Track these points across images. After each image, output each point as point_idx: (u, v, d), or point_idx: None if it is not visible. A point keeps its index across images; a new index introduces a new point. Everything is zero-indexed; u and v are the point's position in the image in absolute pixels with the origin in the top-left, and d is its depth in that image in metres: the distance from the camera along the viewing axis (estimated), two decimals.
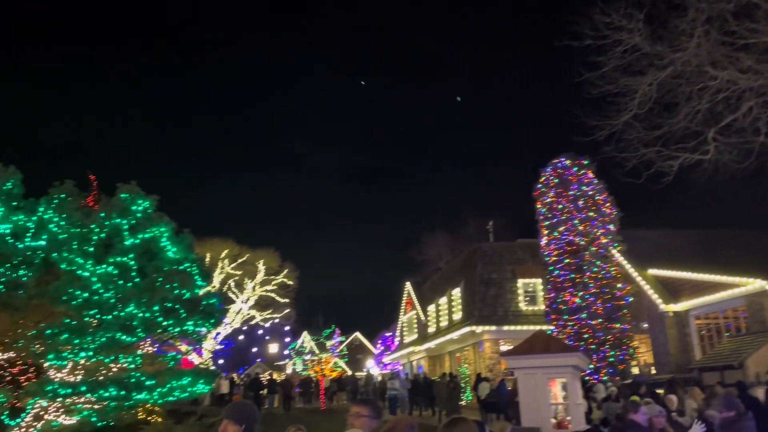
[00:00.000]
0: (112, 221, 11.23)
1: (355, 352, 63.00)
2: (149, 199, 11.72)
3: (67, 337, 10.07)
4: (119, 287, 10.87)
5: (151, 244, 11.66)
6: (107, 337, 10.28)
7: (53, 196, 11.46)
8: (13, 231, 11.05)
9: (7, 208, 11.15)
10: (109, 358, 10.84)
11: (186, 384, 11.33)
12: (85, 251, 10.90)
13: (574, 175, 21.78)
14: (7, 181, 11.22)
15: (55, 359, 10.53)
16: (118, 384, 10.26)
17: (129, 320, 10.51)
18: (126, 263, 11.16)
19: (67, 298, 10.32)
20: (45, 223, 11.27)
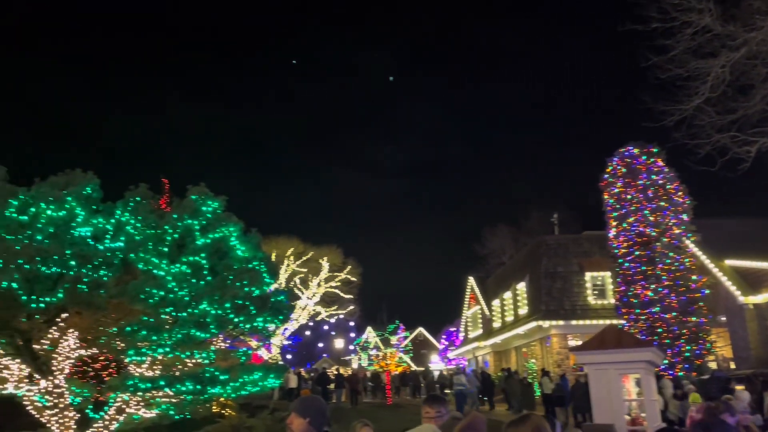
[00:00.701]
0: (184, 222, 11.66)
1: (420, 347, 63.05)
2: (218, 200, 12.10)
3: (145, 333, 10.54)
4: (192, 285, 11.29)
5: (221, 243, 12.04)
6: (183, 333, 10.70)
7: (129, 200, 11.99)
8: (94, 234, 11.63)
9: (87, 212, 11.73)
10: (185, 353, 11.30)
11: (257, 378, 11.66)
12: (160, 251, 11.37)
13: (643, 164, 21.04)
14: (86, 186, 11.80)
15: (134, 355, 11.06)
16: (194, 378, 10.67)
17: (202, 317, 10.90)
18: (198, 262, 11.57)
19: (145, 296, 10.79)
20: (122, 225, 11.80)
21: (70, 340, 11.49)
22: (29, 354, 10.93)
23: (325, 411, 3.48)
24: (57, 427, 10.94)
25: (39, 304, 10.08)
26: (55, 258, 10.25)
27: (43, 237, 10.86)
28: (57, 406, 10.98)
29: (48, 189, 11.37)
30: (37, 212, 11.10)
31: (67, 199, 11.35)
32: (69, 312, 10.90)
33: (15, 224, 11.03)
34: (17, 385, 11.02)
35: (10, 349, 10.82)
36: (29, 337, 10.82)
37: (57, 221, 11.22)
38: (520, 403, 21.41)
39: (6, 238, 10.67)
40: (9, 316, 10.07)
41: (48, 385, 11.00)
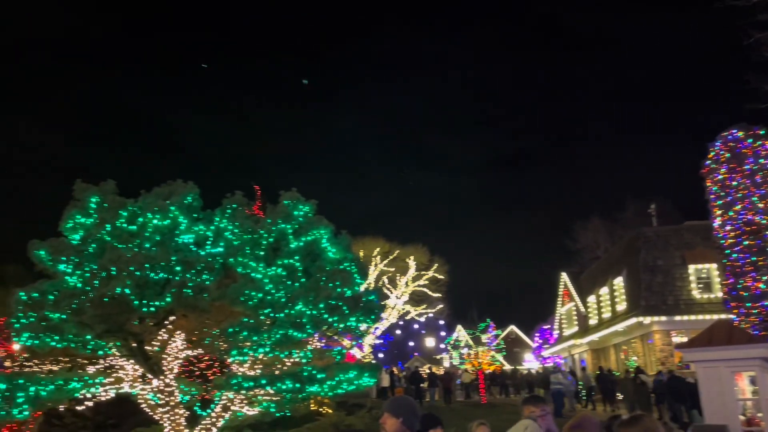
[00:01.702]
0: (278, 226, 12.06)
1: (512, 345, 61.90)
2: (309, 204, 12.42)
3: (246, 334, 10.99)
4: (288, 287, 11.65)
5: (314, 246, 12.35)
6: (281, 333, 11.06)
7: (226, 207, 12.52)
8: (196, 240, 12.27)
9: (189, 220, 12.38)
10: (284, 353, 11.68)
11: (352, 377, 11.86)
12: (256, 255, 11.83)
13: (749, 148, 19.61)
14: (187, 195, 12.45)
15: (237, 355, 11.56)
16: (293, 377, 11.01)
17: (299, 317, 11.22)
18: (292, 265, 11.93)
19: (244, 299, 11.25)
20: (221, 231, 12.36)
21: (177, 342, 12.19)
22: (142, 355, 11.68)
23: (416, 410, 3.49)
24: (169, 423, 11.63)
25: (149, 308, 10.76)
26: (162, 264, 10.90)
27: (151, 245, 11.57)
28: (168, 404, 11.67)
29: (153, 200, 12.09)
30: (144, 222, 11.85)
31: (171, 208, 12.02)
32: (176, 315, 11.56)
33: (125, 234, 11.83)
34: (132, 384, 11.80)
35: (124, 351, 11.60)
36: (141, 339, 11.55)
37: (162, 230, 11.92)
38: (632, 403, 20.66)
39: (118, 248, 11.45)
40: (123, 320, 10.80)
41: (159, 384, 11.71)
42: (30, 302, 10.91)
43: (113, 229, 11.82)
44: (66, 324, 10.51)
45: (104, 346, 11.32)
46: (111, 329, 10.69)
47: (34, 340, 10.75)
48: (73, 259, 11.53)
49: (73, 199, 12.01)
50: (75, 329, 10.55)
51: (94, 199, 11.91)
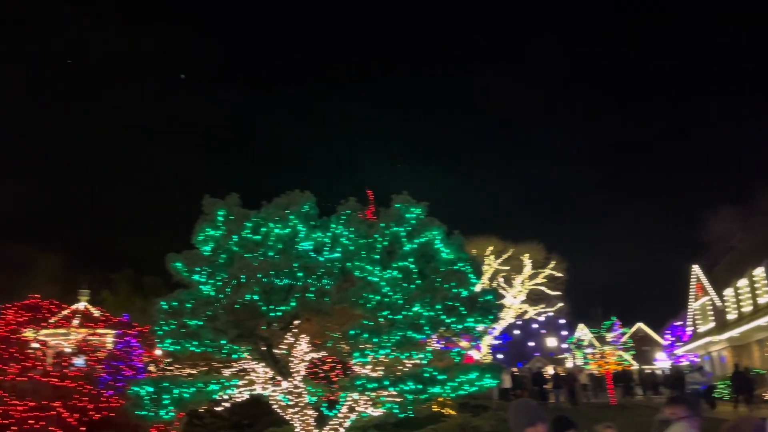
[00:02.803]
0: (392, 230, 12.21)
1: (640, 343, 58.58)
2: (420, 206, 12.48)
3: (366, 336, 11.22)
4: (404, 289, 11.76)
5: (427, 247, 12.38)
6: (400, 335, 11.19)
7: (341, 213, 12.87)
8: (314, 247, 12.72)
9: (307, 228, 12.86)
10: (404, 354, 11.80)
11: (474, 378, 11.74)
12: (372, 259, 12.05)
13: None
14: (304, 204, 12.93)
15: (359, 357, 11.84)
16: (415, 378, 11.10)
17: (416, 319, 11.30)
18: (407, 267, 12.03)
19: (363, 301, 11.51)
20: (337, 237, 12.73)
21: (302, 345, 12.69)
22: (271, 358, 12.26)
23: (540, 412, 3.43)
24: (299, 424, 12.12)
25: (276, 312, 11.27)
26: (286, 271, 11.39)
27: (274, 253, 12.14)
28: (297, 405, 12.17)
29: (274, 210, 12.69)
30: (267, 231, 12.45)
31: (290, 217, 12.56)
32: (300, 319, 12.04)
33: (251, 243, 12.49)
34: (264, 386, 12.42)
35: (255, 354, 12.24)
36: (270, 343, 12.13)
37: (284, 238, 12.48)
38: None
39: (245, 257, 12.12)
40: (253, 324, 11.40)
41: (288, 385, 12.23)
42: (170, 310, 11.80)
43: (240, 239, 12.53)
44: (203, 330, 11.26)
45: (237, 350, 12.01)
46: (243, 334, 11.32)
47: (175, 346, 11.62)
48: (206, 269, 12.35)
49: (202, 214, 12.86)
50: (211, 335, 11.28)
51: (221, 213, 12.69)
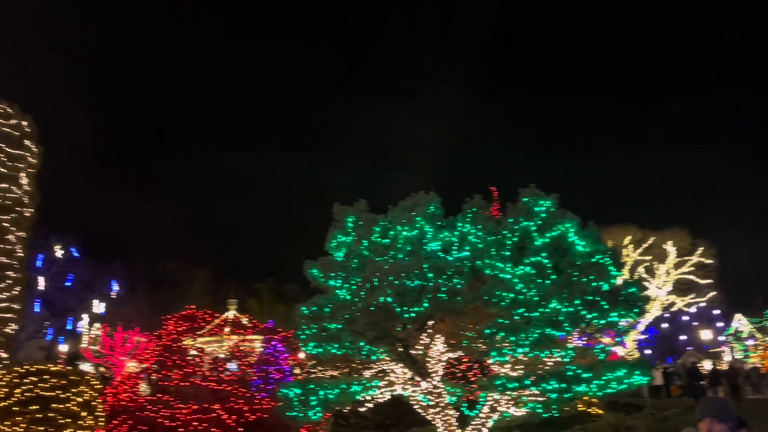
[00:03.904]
0: (521, 225, 11.91)
1: None
2: (550, 199, 12.06)
3: (503, 335, 11.03)
4: (539, 285, 11.42)
5: (560, 240, 11.93)
6: (538, 332, 10.88)
7: (467, 212, 12.77)
8: (443, 247, 12.73)
9: (434, 228, 12.91)
10: (544, 352, 11.45)
11: (622, 375, 11.13)
12: (502, 256, 11.83)
13: None
14: (430, 205, 12.99)
15: (497, 356, 11.66)
16: (558, 377, 10.73)
17: (554, 315, 10.93)
18: (540, 262, 11.66)
19: (496, 299, 11.33)
20: (465, 236, 12.64)
21: (438, 345, 12.73)
22: (408, 359, 12.42)
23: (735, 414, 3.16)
24: (441, 424, 12.17)
25: (410, 314, 11.41)
26: (416, 272, 11.50)
27: (404, 255, 12.31)
28: (438, 405, 12.22)
29: (400, 213, 12.87)
30: (395, 234, 12.67)
31: (416, 219, 12.67)
32: (434, 319, 12.09)
33: (380, 247, 12.77)
34: (403, 386, 12.61)
35: (393, 356, 12.46)
36: (406, 343, 12.30)
37: (412, 240, 12.61)
38: None
39: (376, 260, 12.41)
40: (389, 326, 11.63)
41: (428, 386, 12.32)
42: (310, 315, 12.35)
43: (370, 243, 12.85)
44: (342, 333, 11.67)
45: (376, 352, 12.30)
46: (380, 335, 11.58)
47: (318, 349, 12.14)
48: (341, 275, 12.80)
49: (333, 221, 13.33)
50: (350, 337, 11.66)
51: (351, 219, 13.08)
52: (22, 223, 21.96)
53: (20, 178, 22.04)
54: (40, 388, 15.07)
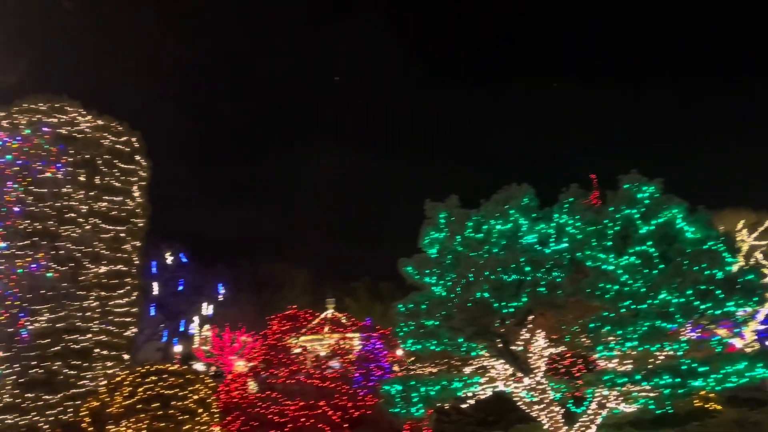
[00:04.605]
0: (623, 213, 11.40)
1: None
2: (653, 184, 11.46)
3: (609, 328, 10.61)
4: (646, 276, 10.90)
5: (667, 228, 11.31)
6: (647, 325, 10.37)
7: (563, 202, 12.37)
8: (539, 239, 12.40)
9: (529, 221, 12.61)
10: (654, 346, 10.89)
11: (742, 369, 10.39)
12: (604, 246, 11.37)
13: None
14: (523, 197, 12.69)
15: (603, 351, 11.22)
16: (670, 371, 10.19)
17: (664, 307, 10.38)
18: (646, 251, 11.12)
19: (600, 292, 10.91)
20: (562, 227, 12.26)
21: (539, 340, 12.42)
22: (509, 354, 12.20)
23: None
24: (547, 421, 11.87)
25: (508, 309, 11.22)
26: (513, 266, 11.28)
27: (499, 249, 12.11)
28: (542, 402, 11.93)
29: (493, 206, 12.66)
30: (489, 229, 12.48)
31: (510, 212, 12.42)
32: (534, 314, 11.81)
33: (474, 242, 12.63)
34: (505, 383, 12.41)
35: (492, 351, 12.30)
36: (506, 339, 12.09)
37: (506, 233, 12.38)
38: None
39: (470, 256, 12.28)
40: (487, 322, 11.48)
41: (530, 382, 12.06)
42: (407, 312, 12.43)
43: (463, 239, 12.74)
44: (440, 329, 11.65)
45: (475, 348, 12.19)
46: (478, 331, 11.46)
47: (416, 346, 12.20)
48: (435, 271, 12.79)
49: (425, 218, 13.33)
50: (448, 333, 11.62)
51: (443, 215, 13.03)
52: (136, 233, 23.61)
53: (133, 191, 23.72)
54: (160, 387, 16.16)
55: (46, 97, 22.30)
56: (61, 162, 21.56)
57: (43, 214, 20.84)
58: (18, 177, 20.93)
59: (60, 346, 20.10)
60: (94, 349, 20.92)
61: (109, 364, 21.19)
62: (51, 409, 19.47)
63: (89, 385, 20.19)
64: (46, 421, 19.35)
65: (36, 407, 19.30)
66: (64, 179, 21.44)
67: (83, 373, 20.43)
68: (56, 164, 21.46)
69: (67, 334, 20.32)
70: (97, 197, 22.15)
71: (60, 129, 21.74)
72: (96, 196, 22.12)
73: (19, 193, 20.77)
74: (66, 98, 22.56)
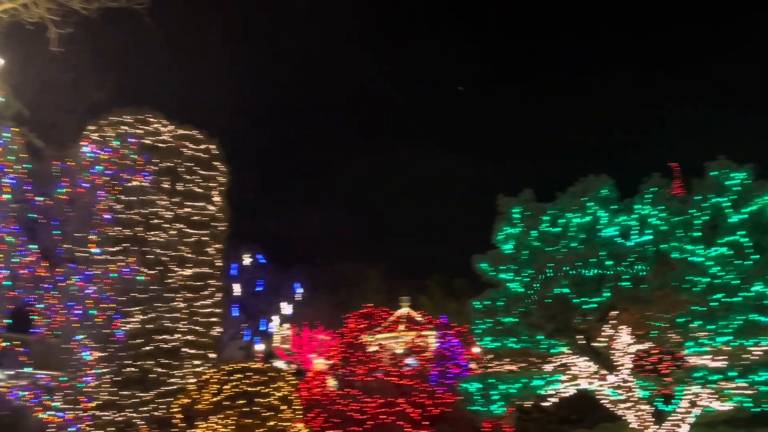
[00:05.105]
0: (711, 202, 10.88)
1: None
2: (744, 170, 10.85)
3: (699, 323, 10.16)
4: (738, 267, 10.37)
5: (761, 216, 10.72)
6: (741, 319, 9.85)
7: (644, 192, 11.93)
8: (620, 232, 12.00)
9: (609, 213, 12.22)
10: (750, 341, 10.30)
11: None
12: (691, 237, 10.90)
13: None
14: (602, 188, 12.31)
15: (694, 346, 10.74)
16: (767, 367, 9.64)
17: (759, 299, 9.84)
18: (737, 241, 10.57)
19: (687, 285, 10.47)
20: (644, 218, 11.82)
21: (624, 336, 12.01)
22: (591, 351, 11.88)
23: None
24: (634, 419, 11.46)
25: (589, 304, 10.92)
26: (593, 261, 10.98)
27: (577, 243, 11.80)
28: (629, 400, 11.54)
29: (569, 199, 12.35)
30: (566, 222, 12.19)
31: (588, 204, 12.09)
32: (618, 309, 11.43)
33: (551, 237, 12.36)
34: (588, 380, 12.08)
35: (574, 348, 12.00)
36: (588, 336, 11.77)
37: (585, 227, 12.05)
38: None
39: (547, 251, 12.04)
40: (568, 318, 11.22)
41: (615, 379, 11.68)
42: (484, 309, 12.33)
43: (539, 234, 12.50)
44: (518, 326, 11.50)
45: (556, 345, 11.94)
46: (559, 328, 11.23)
47: (495, 343, 12.08)
48: (511, 267, 12.61)
49: (498, 213, 13.16)
50: (527, 330, 11.45)
51: (517, 210, 12.83)
52: (218, 237, 24.56)
53: (213, 197, 24.68)
54: (245, 384, 16.78)
55: (131, 109, 23.52)
56: (147, 171, 22.70)
57: (132, 220, 22.01)
58: (108, 186, 22.19)
59: (151, 345, 21.14)
60: (182, 349, 21.87)
61: (197, 363, 22.09)
62: (145, 406, 20.51)
63: (179, 382, 21.12)
64: (141, 417, 20.42)
65: (131, 404, 20.39)
66: (150, 187, 22.56)
67: (173, 372, 21.41)
68: (142, 173, 22.60)
69: (157, 335, 21.34)
70: (181, 203, 23.17)
71: (144, 139, 22.89)
72: (179, 202, 23.14)
73: (109, 201, 22.01)
74: (148, 110, 23.74)
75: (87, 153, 22.38)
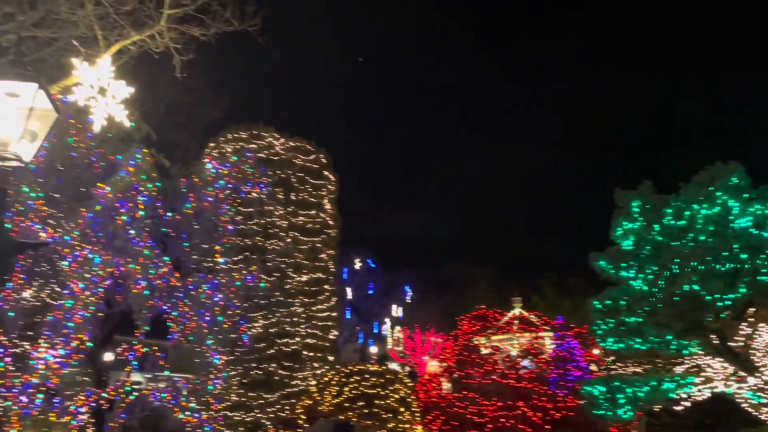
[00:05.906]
0: None
1: None
2: None
3: None
4: None
5: None
6: None
7: None
8: (755, 222, 11.09)
9: (740, 202, 11.33)
10: None
11: None
12: None
13: None
14: (731, 176, 11.46)
15: None
16: None
17: None
18: None
19: None
20: None
21: (764, 335, 11.08)
22: (728, 352, 11.07)
23: None
24: None
25: (723, 301, 10.19)
26: (725, 254, 10.24)
27: (706, 236, 11.04)
28: None
29: (695, 189, 11.60)
30: (692, 214, 11.44)
31: (716, 194, 11.28)
32: (755, 306, 10.58)
33: (675, 230, 11.65)
34: (725, 383, 11.25)
35: (708, 348, 11.23)
36: (723, 335, 10.98)
37: (714, 218, 11.25)
38: None
39: (672, 245, 11.35)
40: (699, 316, 10.54)
41: (756, 381, 10.80)
42: (604, 309, 11.83)
43: (662, 228, 11.82)
44: (644, 326, 10.92)
45: (686, 345, 11.24)
46: (690, 327, 10.57)
47: (618, 344, 11.55)
48: (632, 264, 12.00)
49: (616, 207, 12.59)
50: (654, 330, 10.86)
51: (636, 203, 12.22)
52: (330, 243, 25.41)
53: (324, 204, 25.56)
54: (363, 386, 17.17)
55: (246, 125, 24.90)
56: (263, 183, 23.91)
57: (252, 230, 23.23)
58: (229, 199, 23.61)
59: (274, 349, 22.21)
60: (303, 352, 22.79)
61: (317, 365, 22.93)
62: (270, 407, 21.55)
63: (301, 384, 22.03)
64: (267, 417, 21.48)
65: (258, 405, 21.50)
66: (267, 198, 23.75)
67: (295, 374, 22.36)
68: (259, 185, 23.83)
69: (278, 338, 22.39)
70: (294, 212, 24.19)
71: (260, 153, 24.12)
72: (293, 212, 24.17)
73: (231, 213, 23.40)
74: (262, 125, 25.00)
75: (210, 169, 23.95)
